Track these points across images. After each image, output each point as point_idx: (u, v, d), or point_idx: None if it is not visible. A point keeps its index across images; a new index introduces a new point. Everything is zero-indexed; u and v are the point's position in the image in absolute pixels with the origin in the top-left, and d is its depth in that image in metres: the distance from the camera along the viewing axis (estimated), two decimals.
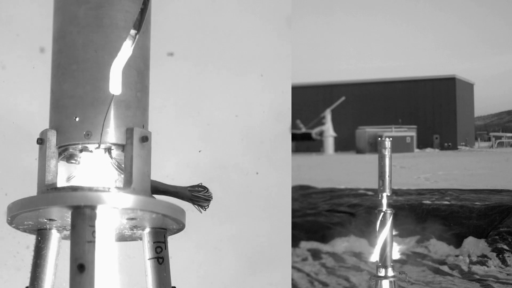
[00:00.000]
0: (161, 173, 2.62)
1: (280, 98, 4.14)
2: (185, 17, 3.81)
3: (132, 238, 2.64)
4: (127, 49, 2.46)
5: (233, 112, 3.96)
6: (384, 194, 4.12)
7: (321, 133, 35.80)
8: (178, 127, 3.65)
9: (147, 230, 2.54)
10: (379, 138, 4.14)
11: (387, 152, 4.09)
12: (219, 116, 3.92)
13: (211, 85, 3.91)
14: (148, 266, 2.50)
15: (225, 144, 3.86)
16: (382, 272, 4.11)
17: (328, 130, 35.59)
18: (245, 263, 3.91)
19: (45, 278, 2.46)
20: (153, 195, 2.52)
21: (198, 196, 2.68)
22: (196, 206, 2.69)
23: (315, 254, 7.75)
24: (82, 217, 2.28)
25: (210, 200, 2.71)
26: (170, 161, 2.91)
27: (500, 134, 37.44)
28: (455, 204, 8.56)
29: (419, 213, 8.45)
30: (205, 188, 2.71)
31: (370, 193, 10.10)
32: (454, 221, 8.00)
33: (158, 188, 2.58)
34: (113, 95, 2.42)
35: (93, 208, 2.30)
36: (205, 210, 2.71)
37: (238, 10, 4.04)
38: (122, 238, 2.62)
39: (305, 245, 8.08)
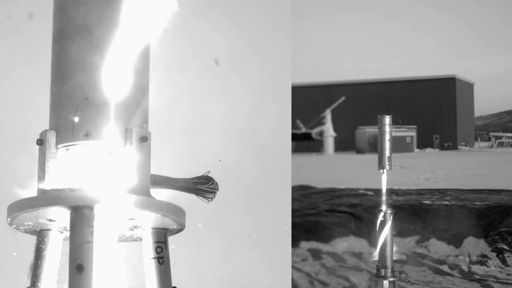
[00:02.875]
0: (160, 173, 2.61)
1: (280, 98, 4.14)
2: (185, 16, 3.81)
3: (132, 239, 2.63)
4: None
5: (233, 112, 3.96)
6: (384, 170, 4.13)
7: (321, 133, 35.78)
8: (178, 127, 3.65)
9: (147, 230, 2.54)
10: (379, 115, 4.16)
11: (387, 129, 4.12)
12: (219, 116, 3.91)
13: (211, 85, 3.91)
14: (148, 266, 2.50)
15: (225, 144, 3.86)
16: (382, 272, 4.11)
17: (328, 130, 35.56)
18: (245, 263, 3.90)
19: (45, 279, 2.46)
20: (153, 195, 2.52)
21: (203, 188, 2.66)
22: (200, 197, 2.66)
23: (315, 254, 7.74)
24: (80, 218, 2.28)
25: (215, 192, 2.68)
26: (168, 162, 2.91)
27: (500, 134, 37.44)
28: (455, 204, 8.55)
29: (419, 213, 8.44)
30: (210, 179, 2.67)
31: (370, 193, 10.09)
32: (454, 221, 8.00)
33: (161, 183, 2.57)
34: (86, 97, 2.40)
35: (91, 208, 2.30)
36: (211, 200, 2.68)
37: (238, 10, 4.04)
38: (122, 238, 2.62)
39: (305, 245, 8.07)
